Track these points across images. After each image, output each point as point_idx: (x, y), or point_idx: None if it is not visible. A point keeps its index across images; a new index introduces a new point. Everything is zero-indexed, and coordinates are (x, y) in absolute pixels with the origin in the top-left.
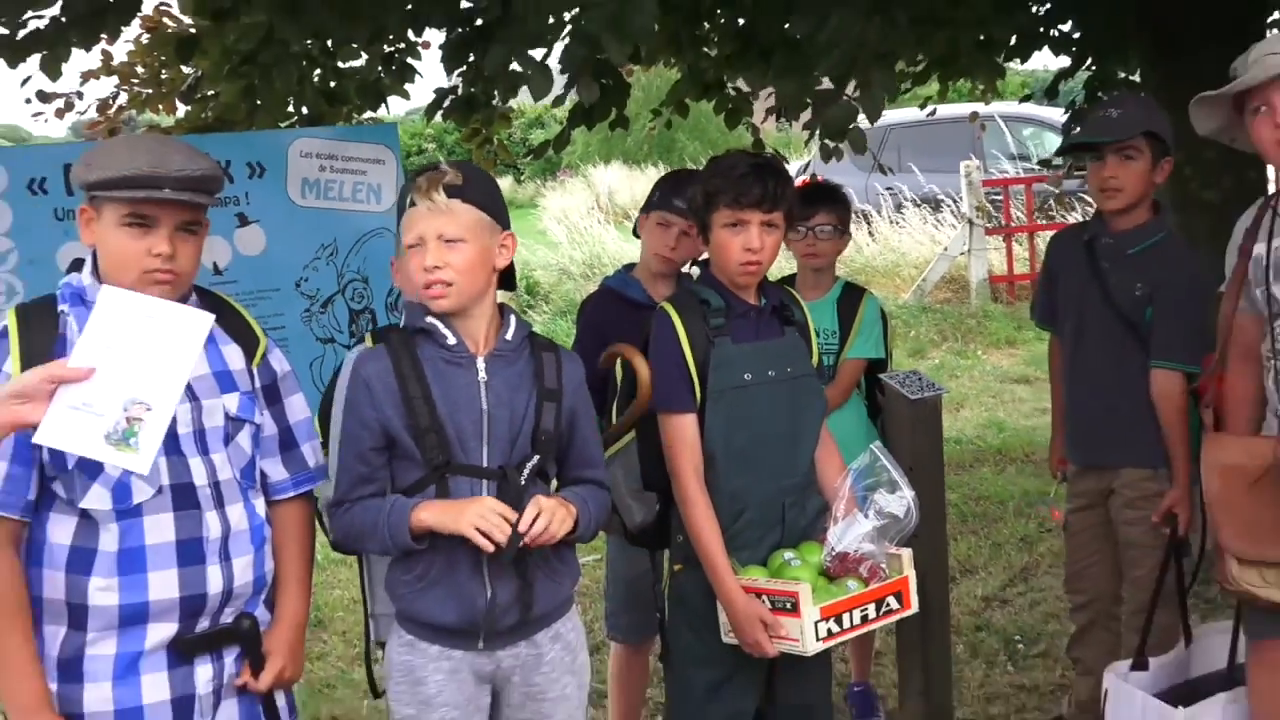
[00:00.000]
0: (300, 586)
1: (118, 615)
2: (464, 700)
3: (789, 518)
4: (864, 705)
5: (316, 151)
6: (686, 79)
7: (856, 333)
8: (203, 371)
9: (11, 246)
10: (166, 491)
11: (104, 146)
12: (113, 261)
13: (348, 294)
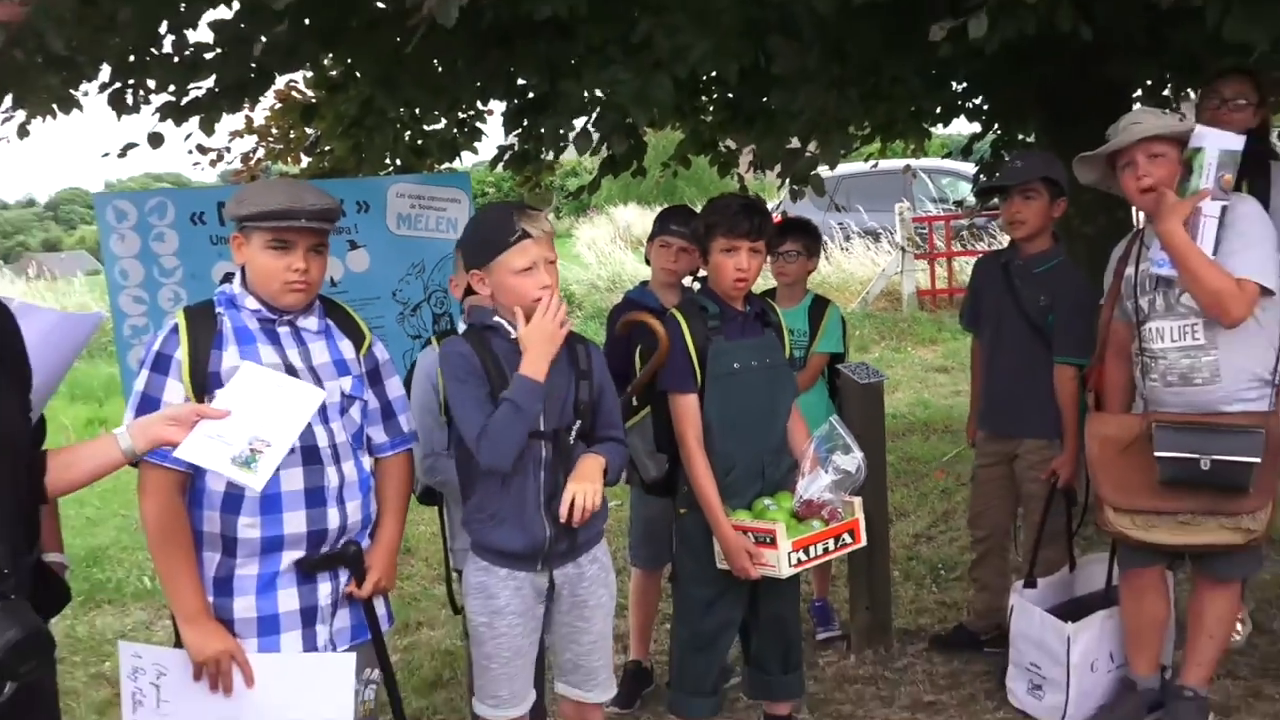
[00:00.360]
0: (394, 519)
1: (259, 545)
2: (525, 609)
3: (767, 473)
4: (823, 616)
5: (409, 193)
6: (688, 139)
7: (822, 333)
8: (324, 359)
9: (178, 264)
10: (298, 451)
11: (250, 188)
12: (260, 276)
13: (431, 301)
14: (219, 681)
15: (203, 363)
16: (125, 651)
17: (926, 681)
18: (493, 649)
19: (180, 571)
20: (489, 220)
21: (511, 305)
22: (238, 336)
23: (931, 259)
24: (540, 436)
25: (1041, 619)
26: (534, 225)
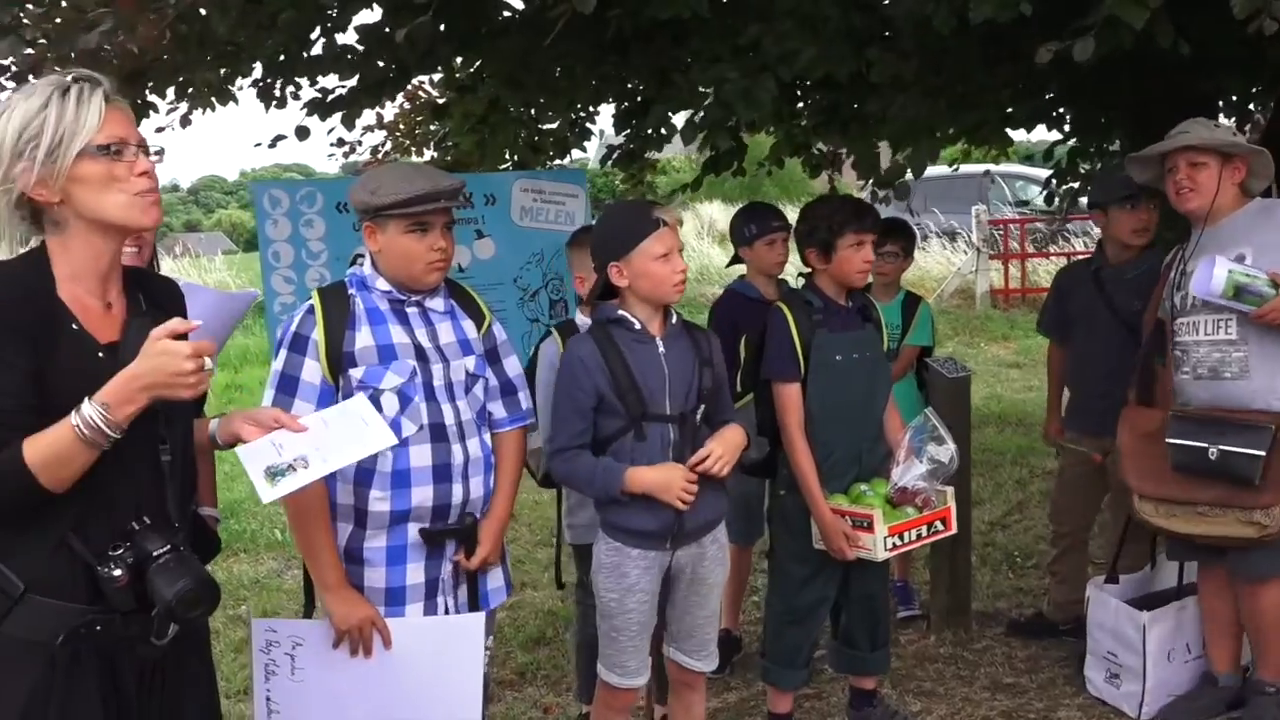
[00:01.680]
0: (506, 495)
1: (389, 517)
2: (652, 586)
3: (864, 460)
4: (904, 596)
5: (531, 188)
6: (783, 141)
7: (914, 327)
8: (450, 339)
9: (324, 248)
10: (426, 429)
11: (377, 179)
12: (400, 260)
13: (549, 288)
14: (359, 647)
15: (338, 342)
16: (258, 627)
17: (1005, 664)
18: (622, 623)
19: (320, 545)
20: (625, 213)
21: (650, 292)
22: (370, 317)
23: (1006, 259)
24: (667, 420)
25: (1117, 608)
26: (667, 215)
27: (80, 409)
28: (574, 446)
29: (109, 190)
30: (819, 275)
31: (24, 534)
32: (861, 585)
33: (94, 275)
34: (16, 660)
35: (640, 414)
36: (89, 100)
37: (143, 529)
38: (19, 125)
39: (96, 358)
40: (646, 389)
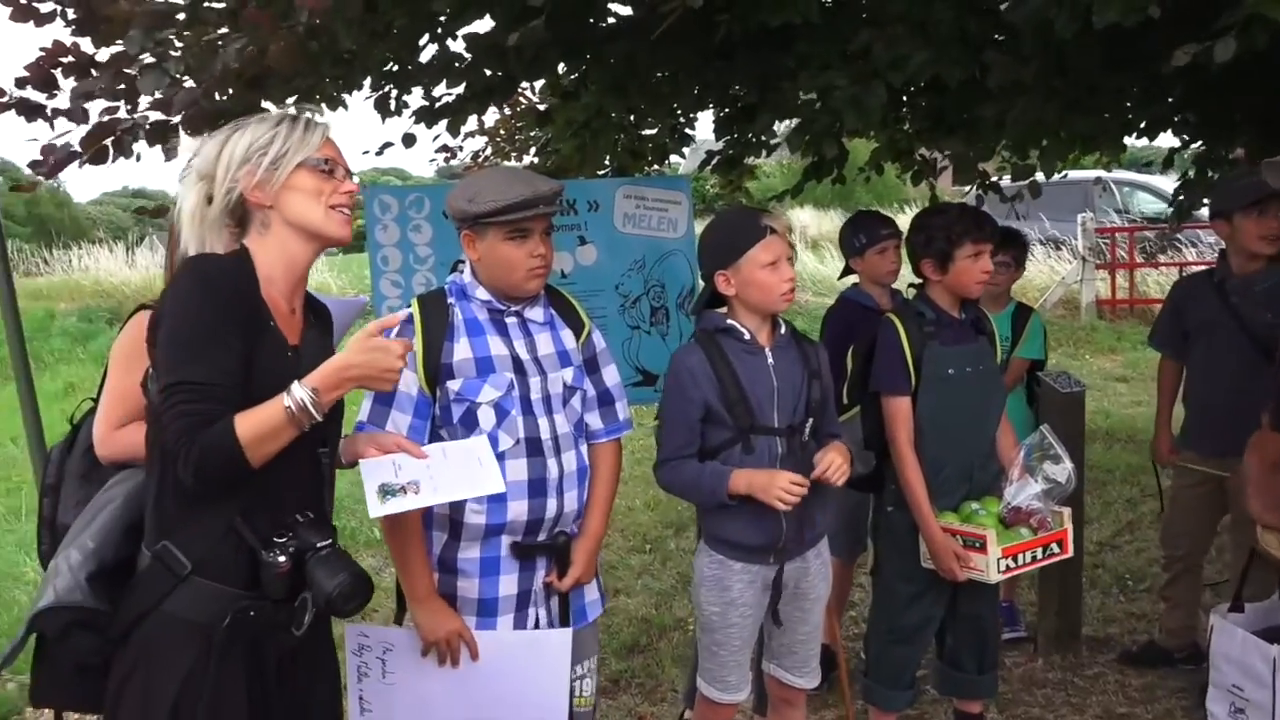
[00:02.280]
0: (602, 510)
1: (483, 530)
2: (755, 601)
3: (976, 477)
4: (1009, 617)
5: (635, 194)
6: (884, 146)
7: (1024, 340)
8: (549, 351)
9: (431, 253)
10: (522, 443)
11: (475, 186)
12: (501, 268)
13: (650, 295)
14: (446, 658)
15: (435, 354)
16: (351, 633)
17: (1119, 693)
18: (723, 637)
19: (412, 556)
20: (734, 221)
21: (758, 301)
22: (468, 328)
23: (1113, 269)
24: (775, 433)
25: (1244, 640)
26: (777, 222)
27: (292, 390)
28: (680, 457)
29: (315, 201)
30: (932, 286)
31: (195, 517)
32: (969, 605)
33: (286, 281)
34: (176, 639)
35: (748, 426)
36: (314, 127)
37: (305, 522)
38: (250, 140)
39: (286, 356)
40: (755, 400)
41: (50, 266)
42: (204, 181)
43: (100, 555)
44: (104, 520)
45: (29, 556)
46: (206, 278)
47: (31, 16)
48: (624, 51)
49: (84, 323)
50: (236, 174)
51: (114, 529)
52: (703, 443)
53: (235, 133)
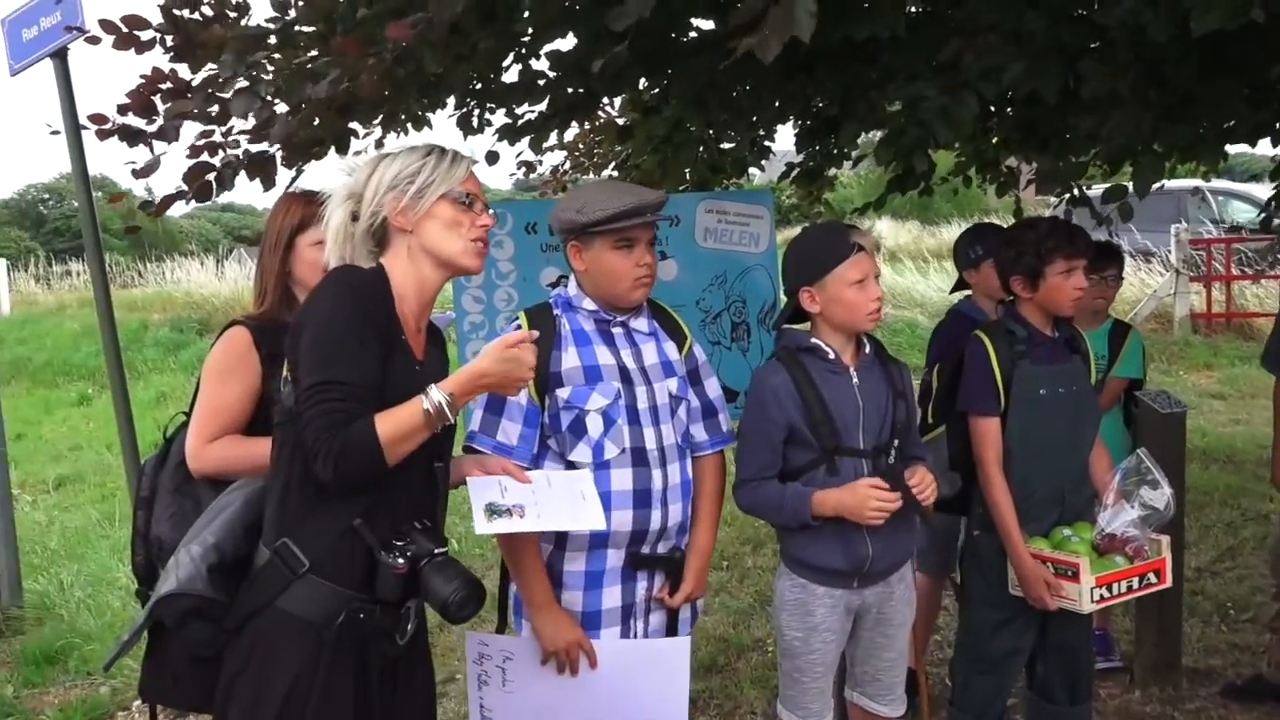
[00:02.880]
0: (709, 524)
1: (588, 540)
2: (838, 627)
3: (1067, 501)
4: (1103, 646)
5: (716, 209)
6: (970, 157)
7: (1122, 358)
8: (654, 361)
9: (513, 268)
10: (628, 452)
11: (581, 197)
12: (607, 278)
13: (730, 311)
14: (566, 667)
15: (544, 364)
16: (471, 641)
17: None
18: (805, 664)
19: (529, 564)
20: (821, 236)
21: (844, 319)
22: (575, 338)
23: (1208, 282)
24: (860, 454)
25: None
26: (865, 239)
27: (429, 394)
28: (761, 479)
29: (453, 231)
30: (1023, 303)
31: (317, 516)
32: (1061, 634)
33: (417, 301)
34: (288, 636)
35: (833, 447)
36: (460, 161)
37: (423, 529)
38: (399, 168)
39: (414, 370)
40: (840, 421)
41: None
42: (351, 200)
43: (221, 549)
44: (225, 519)
45: (122, 562)
46: (351, 287)
47: (133, 44)
48: (705, 66)
49: (175, 333)
50: (383, 198)
51: (235, 527)
52: (784, 464)
53: (385, 160)
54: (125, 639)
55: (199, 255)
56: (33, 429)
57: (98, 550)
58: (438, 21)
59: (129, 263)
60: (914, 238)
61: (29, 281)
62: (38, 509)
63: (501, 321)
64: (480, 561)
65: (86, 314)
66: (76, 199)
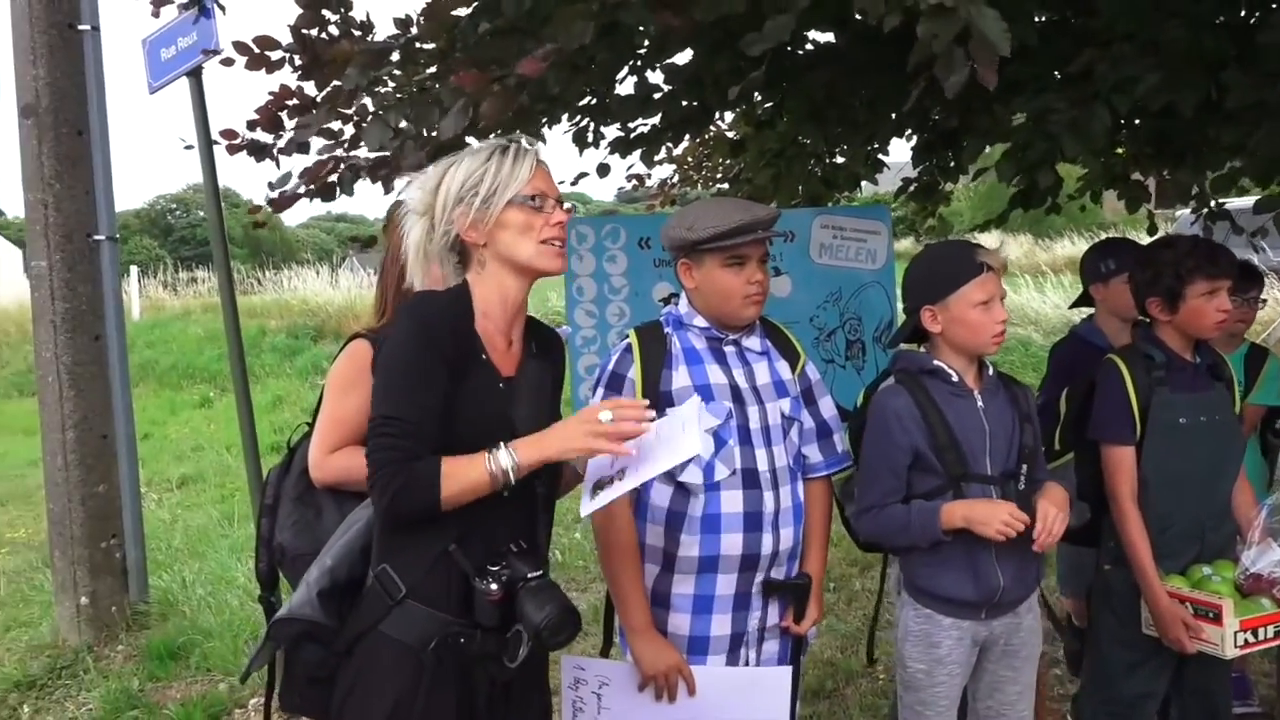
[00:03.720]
0: (822, 549)
1: (697, 563)
2: (964, 659)
3: (1207, 538)
4: (1241, 688)
5: (832, 224)
6: (1099, 171)
7: (1260, 384)
8: (766, 380)
9: (625, 283)
10: (739, 474)
11: (692, 214)
12: (718, 295)
13: (845, 328)
14: (664, 694)
15: (654, 381)
16: (567, 664)
17: None
18: (929, 697)
19: (630, 586)
20: (947, 254)
21: (966, 341)
22: (686, 357)
23: None
24: (988, 481)
25: None
26: (993, 259)
27: (497, 454)
28: (882, 505)
29: (525, 236)
30: (1161, 326)
31: (411, 542)
32: (1198, 678)
33: (502, 314)
34: (391, 660)
35: (960, 474)
36: (523, 158)
37: (518, 552)
38: (463, 177)
39: (497, 388)
40: (967, 447)
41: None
42: (425, 216)
43: (335, 573)
44: (347, 539)
45: (240, 562)
46: (421, 318)
47: (263, 64)
48: (824, 80)
49: (291, 339)
50: (452, 214)
51: (354, 547)
52: (908, 489)
53: (449, 169)
54: (254, 656)
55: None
56: (158, 429)
57: (218, 549)
58: (566, 51)
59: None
60: (1026, 251)
61: (157, 288)
62: (162, 507)
63: (613, 337)
64: (583, 574)
65: (209, 319)
66: (205, 211)
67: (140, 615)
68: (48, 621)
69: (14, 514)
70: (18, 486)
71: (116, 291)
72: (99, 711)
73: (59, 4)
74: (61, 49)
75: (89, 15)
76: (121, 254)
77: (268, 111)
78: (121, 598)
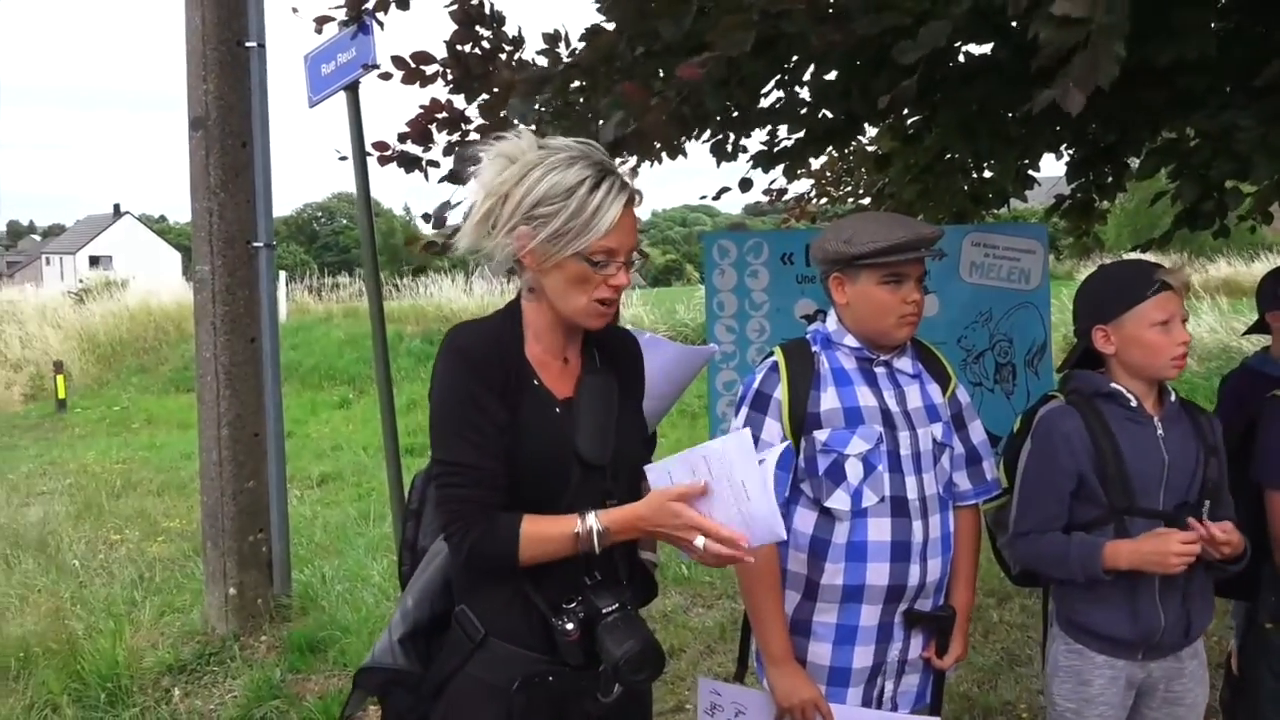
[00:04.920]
0: (969, 581)
1: (840, 592)
2: (1118, 701)
3: None
4: None
5: (983, 242)
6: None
7: None
8: (918, 404)
9: (766, 299)
10: (887, 501)
11: (849, 228)
12: (871, 314)
13: (995, 351)
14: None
15: (801, 402)
16: (704, 688)
17: None
18: None
19: (770, 614)
20: (1123, 271)
21: (1142, 363)
22: (835, 377)
23: None
24: (1157, 515)
25: None
26: (1173, 277)
27: (585, 520)
28: (1041, 532)
29: (577, 290)
30: None
31: (485, 583)
32: None
33: (553, 338)
34: (478, 701)
35: (1125, 507)
36: (609, 205)
37: (594, 584)
38: (541, 194)
39: (554, 413)
40: (1138, 478)
41: (400, 292)
42: (494, 199)
43: (416, 615)
44: (427, 577)
45: (375, 559)
46: (463, 353)
47: (419, 79)
48: (979, 93)
49: (427, 344)
50: (518, 225)
51: (434, 585)
52: (1069, 517)
53: (534, 175)
54: (346, 704)
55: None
56: (300, 428)
57: (355, 547)
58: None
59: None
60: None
61: (303, 292)
62: (304, 503)
63: (753, 353)
64: (709, 590)
65: (350, 323)
66: (356, 220)
67: (283, 608)
68: (198, 609)
69: (169, 504)
70: (173, 478)
71: (272, 296)
72: (244, 699)
73: (229, 22)
74: (230, 64)
75: (256, 32)
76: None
77: (418, 124)
78: (266, 590)
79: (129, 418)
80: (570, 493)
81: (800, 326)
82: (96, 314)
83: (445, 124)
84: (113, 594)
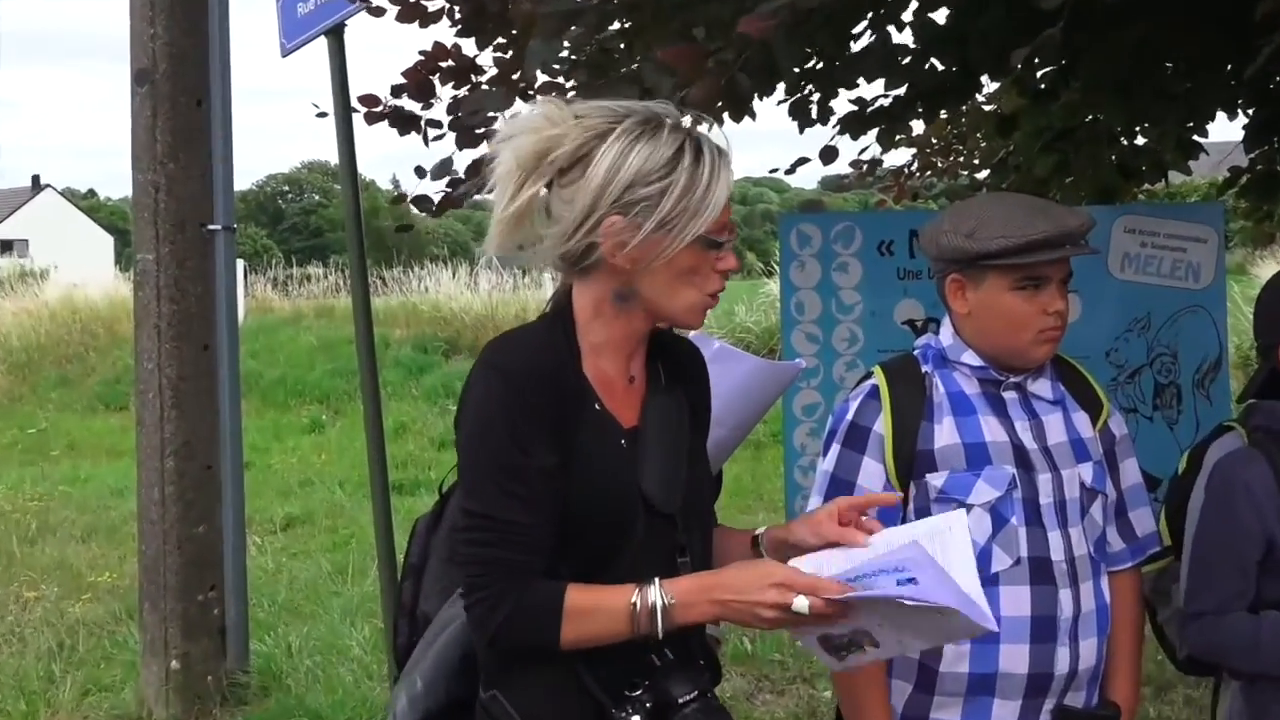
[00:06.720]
0: (1134, 668)
1: (965, 683)
2: None
3: None
4: None
5: (1140, 228)
6: None
7: None
8: (1061, 439)
9: (859, 299)
10: (1024, 563)
11: (972, 215)
12: (1004, 327)
13: (1155, 367)
14: None
15: (910, 438)
16: None
17: None
18: None
19: (873, 710)
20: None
21: None
22: (954, 405)
23: None
24: None
25: None
26: None
27: (645, 592)
28: (1223, 613)
29: (689, 283)
30: None
31: (525, 661)
32: None
33: (622, 351)
34: None
35: None
36: (719, 174)
37: (664, 664)
38: (635, 173)
39: (619, 446)
40: None
41: (387, 287)
42: (536, 181)
43: (427, 702)
44: (439, 649)
45: (354, 626)
46: (506, 375)
47: (418, 16)
48: (1134, 37)
49: (419, 353)
50: (601, 219)
51: (450, 658)
52: (1256, 593)
53: (613, 146)
54: None
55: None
56: (261, 457)
57: (329, 610)
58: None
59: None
60: None
61: (265, 286)
62: (264, 553)
63: (840, 369)
64: (779, 670)
65: (324, 325)
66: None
67: (238, 687)
68: (131, 686)
69: (97, 552)
70: (102, 519)
71: (231, 292)
72: None
73: None
74: (182, 5)
75: None
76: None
77: (418, 74)
78: (218, 664)
79: (47, 443)
80: (634, 548)
81: (903, 335)
82: (7, 311)
83: (451, 75)
84: (24, 667)
